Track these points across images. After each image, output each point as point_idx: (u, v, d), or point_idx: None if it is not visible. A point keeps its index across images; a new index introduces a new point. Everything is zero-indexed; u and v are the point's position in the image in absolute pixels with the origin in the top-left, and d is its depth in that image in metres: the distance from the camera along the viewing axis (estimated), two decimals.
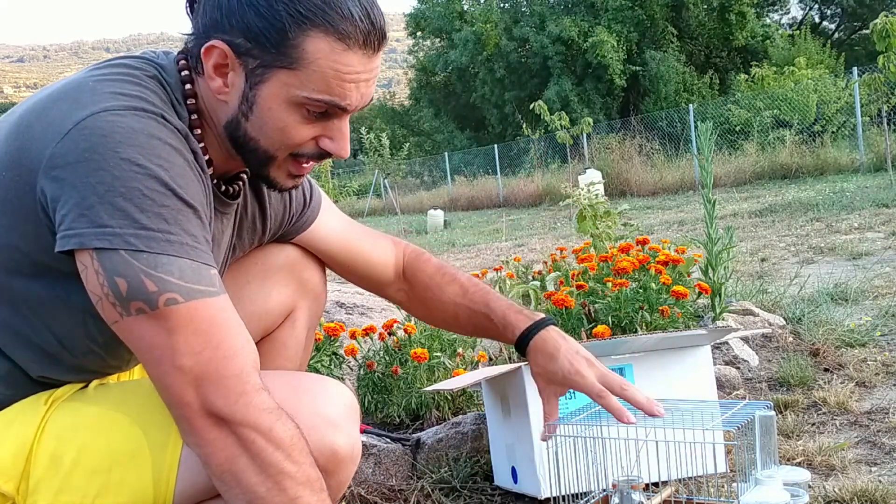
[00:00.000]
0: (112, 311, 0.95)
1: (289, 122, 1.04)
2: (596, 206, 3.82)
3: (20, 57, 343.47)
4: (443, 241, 9.93)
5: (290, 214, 1.34)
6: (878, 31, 8.80)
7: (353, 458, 1.12)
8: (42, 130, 0.97)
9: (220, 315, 0.97)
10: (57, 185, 0.94)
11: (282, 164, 1.09)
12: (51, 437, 1.04)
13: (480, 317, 1.41)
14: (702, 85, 25.53)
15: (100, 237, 0.92)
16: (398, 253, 1.47)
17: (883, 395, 2.21)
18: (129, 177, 0.93)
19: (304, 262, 1.41)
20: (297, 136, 1.06)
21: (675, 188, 14.31)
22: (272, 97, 1.03)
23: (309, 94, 1.02)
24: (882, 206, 6.99)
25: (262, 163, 1.09)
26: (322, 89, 1.02)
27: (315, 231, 1.40)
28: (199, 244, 0.98)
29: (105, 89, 0.99)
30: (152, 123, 0.98)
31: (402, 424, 2.16)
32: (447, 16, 29.50)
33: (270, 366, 1.38)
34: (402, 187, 22.70)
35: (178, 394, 0.95)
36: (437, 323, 1.53)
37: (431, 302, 1.45)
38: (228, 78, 1.04)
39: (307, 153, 1.09)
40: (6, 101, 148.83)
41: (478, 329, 1.45)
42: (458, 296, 1.43)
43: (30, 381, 1.09)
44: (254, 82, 1.03)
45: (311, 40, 1.00)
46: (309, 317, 1.45)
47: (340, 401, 1.12)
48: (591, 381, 1.30)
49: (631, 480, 1.32)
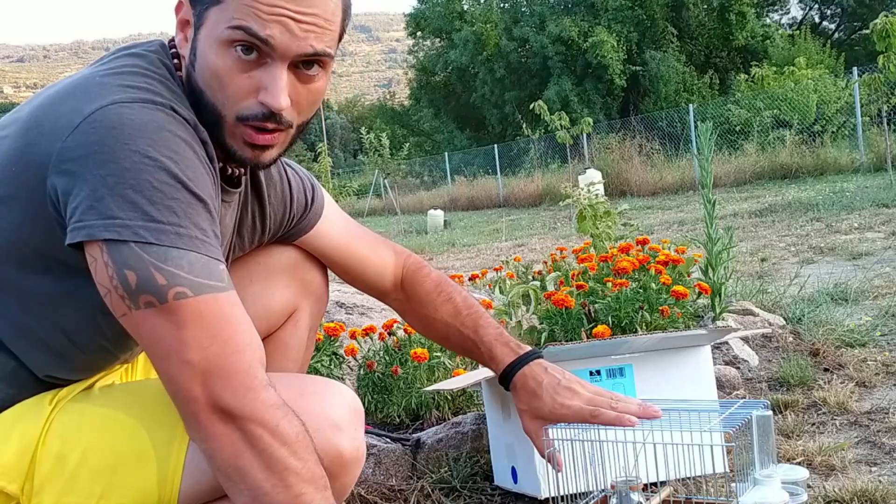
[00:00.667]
0: (121, 304, 0.94)
1: (221, 65, 1.01)
2: (596, 206, 3.82)
3: (20, 57, 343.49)
4: (443, 241, 9.93)
5: (290, 215, 1.34)
6: (878, 31, 8.80)
7: (357, 460, 1.11)
8: (51, 126, 0.97)
9: (228, 310, 0.96)
10: (67, 178, 0.93)
11: (233, 129, 1.05)
12: (56, 437, 1.04)
13: (469, 342, 1.44)
14: (702, 85, 25.53)
15: (110, 229, 0.91)
16: (398, 263, 1.47)
17: (883, 395, 2.21)
18: (139, 169, 0.93)
19: (306, 262, 1.41)
20: (233, 83, 1.02)
21: (675, 188, 14.31)
22: (206, 39, 1.02)
23: (228, 23, 0.99)
24: (882, 206, 6.99)
25: (213, 123, 1.05)
26: (240, 17, 0.99)
27: (316, 234, 1.39)
28: (208, 238, 0.97)
29: (113, 82, 0.99)
30: (162, 115, 0.98)
31: (402, 424, 2.16)
32: (447, 16, 29.51)
33: (273, 365, 1.38)
34: (402, 187, 22.70)
35: (185, 388, 0.94)
36: (430, 337, 1.55)
37: (426, 318, 1.47)
38: (186, 32, 1.05)
39: (249, 114, 1.04)
40: (6, 101, 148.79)
41: (467, 353, 1.48)
42: (450, 316, 1.45)
43: (34, 381, 1.08)
44: (197, 27, 1.03)
45: None
46: (311, 317, 1.45)
47: (345, 404, 1.12)
48: (577, 409, 1.32)
49: (630, 481, 1.32)
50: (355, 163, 26.21)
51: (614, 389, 1.68)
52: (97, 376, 1.17)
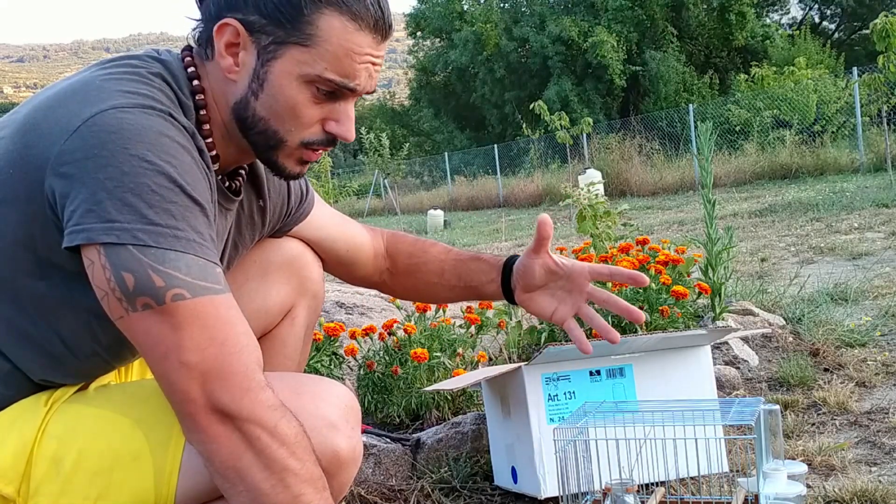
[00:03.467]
0: (118, 307, 0.94)
1: (299, 100, 1.06)
2: (596, 206, 3.82)
3: (20, 57, 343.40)
4: (443, 241, 9.88)
5: (288, 207, 1.35)
6: (878, 31, 8.80)
7: (354, 459, 1.11)
8: (49, 128, 0.97)
9: (225, 312, 0.97)
10: (65, 181, 0.94)
11: (292, 151, 1.10)
12: (51, 438, 1.03)
13: (468, 262, 1.44)
14: (702, 85, 25.52)
15: (108, 232, 0.92)
16: (375, 236, 1.50)
17: (883, 395, 2.21)
18: (138, 172, 0.93)
19: (302, 259, 1.42)
20: (306, 115, 1.07)
21: (675, 188, 14.31)
22: (284, 74, 1.04)
23: (320, 72, 1.04)
24: (882, 206, 6.99)
25: (270, 146, 1.10)
26: (333, 68, 1.04)
27: (310, 223, 1.41)
28: (205, 241, 0.98)
29: (113, 87, 1.00)
30: (160, 121, 0.98)
31: (402, 424, 2.16)
32: (447, 16, 29.50)
33: (270, 363, 1.38)
34: (402, 187, 22.71)
35: (183, 390, 0.94)
36: (419, 289, 1.52)
37: (415, 266, 1.47)
38: (240, 57, 1.05)
39: (315, 140, 1.10)
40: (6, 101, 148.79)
41: (462, 277, 1.45)
42: (442, 252, 1.47)
43: (30, 383, 1.08)
44: (266, 59, 1.04)
45: (325, 18, 1.02)
46: (308, 314, 1.45)
47: (341, 402, 1.12)
48: (580, 265, 1.33)
49: (624, 483, 1.32)
50: (355, 163, 26.21)
51: (614, 389, 1.68)
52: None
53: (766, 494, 1.27)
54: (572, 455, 1.38)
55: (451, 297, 1.49)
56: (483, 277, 1.43)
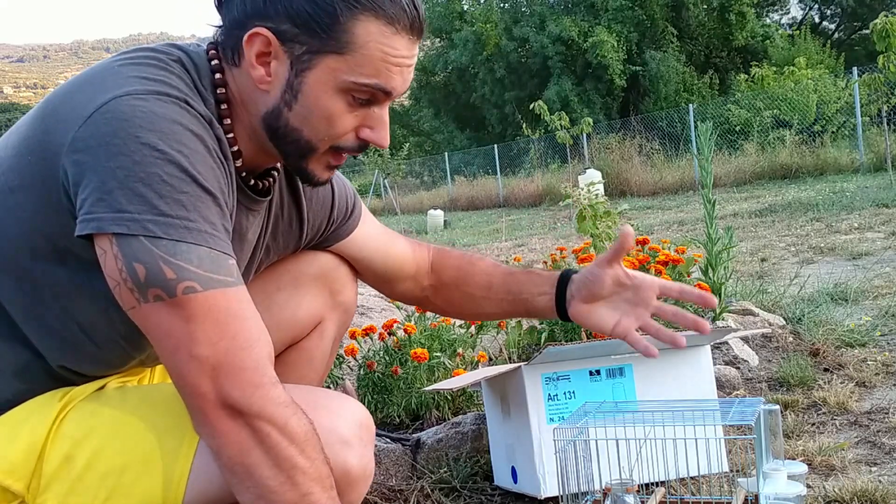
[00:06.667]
0: (129, 297, 0.94)
1: (335, 111, 1.04)
2: (596, 206, 3.81)
3: (20, 57, 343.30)
4: (443, 241, 9.92)
5: (331, 221, 1.33)
6: (878, 31, 8.81)
7: (365, 478, 1.11)
8: (66, 114, 0.97)
9: (237, 306, 0.96)
10: (78, 168, 0.93)
11: (322, 156, 1.09)
12: (65, 438, 1.03)
13: (518, 274, 1.40)
14: (702, 85, 25.52)
15: (118, 222, 0.91)
16: (420, 251, 1.46)
17: (883, 395, 2.21)
18: (148, 162, 0.92)
19: (336, 273, 1.39)
20: (341, 125, 1.06)
21: (675, 188, 14.31)
22: (319, 84, 1.02)
23: (357, 79, 1.02)
24: (882, 206, 7.00)
25: (301, 154, 1.08)
26: (371, 73, 1.02)
27: (354, 240, 1.39)
28: (217, 232, 0.97)
29: (130, 73, 0.99)
30: (175, 108, 0.97)
31: (402, 424, 2.16)
32: (447, 16, 29.48)
33: (295, 374, 1.38)
34: (402, 187, 22.71)
35: (193, 383, 0.94)
36: (464, 303, 1.47)
37: (461, 279, 1.43)
38: (271, 66, 1.03)
39: (348, 146, 1.08)
40: (6, 101, 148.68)
41: (511, 291, 1.40)
42: (490, 266, 1.43)
43: (47, 376, 1.08)
44: (300, 69, 1.02)
45: (362, 24, 1.00)
46: (337, 329, 1.44)
47: (356, 419, 1.11)
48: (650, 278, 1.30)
49: (624, 483, 1.32)
50: (355, 163, 26.15)
51: (614, 389, 1.68)
52: (112, 375, 1.16)
53: (766, 494, 1.28)
54: (572, 455, 1.38)
55: (497, 313, 1.45)
56: (535, 290, 1.38)
